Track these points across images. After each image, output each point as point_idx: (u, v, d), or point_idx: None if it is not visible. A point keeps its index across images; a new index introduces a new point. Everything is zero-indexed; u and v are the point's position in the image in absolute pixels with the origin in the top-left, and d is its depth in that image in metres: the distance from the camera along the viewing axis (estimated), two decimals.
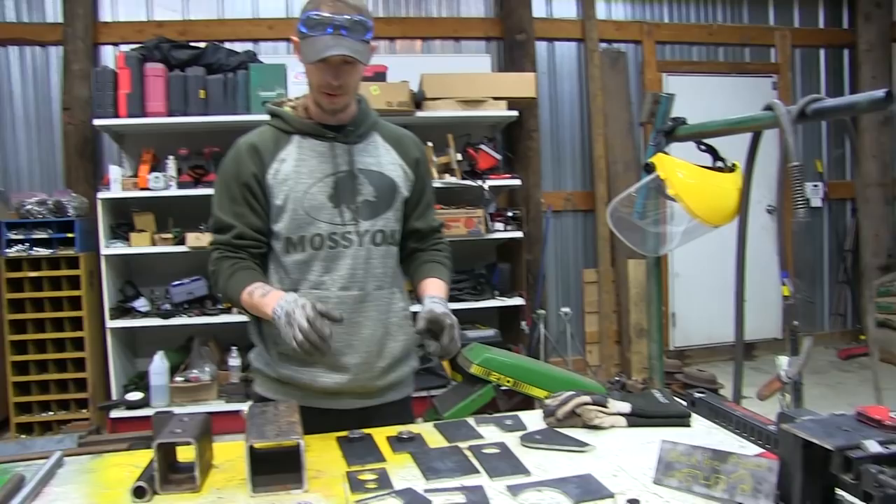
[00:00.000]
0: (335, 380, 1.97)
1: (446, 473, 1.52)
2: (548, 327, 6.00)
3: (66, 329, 5.05)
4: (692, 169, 2.73)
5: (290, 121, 2.01)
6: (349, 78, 1.89)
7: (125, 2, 5.89)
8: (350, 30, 1.82)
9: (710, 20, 6.72)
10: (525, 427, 1.83)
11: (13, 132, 5.78)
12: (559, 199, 6.38)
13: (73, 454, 1.73)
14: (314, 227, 1.95)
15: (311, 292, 1.94)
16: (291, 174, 1.95)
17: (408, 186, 2.08)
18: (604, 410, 1.82)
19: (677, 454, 1.44)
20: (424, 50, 6.22)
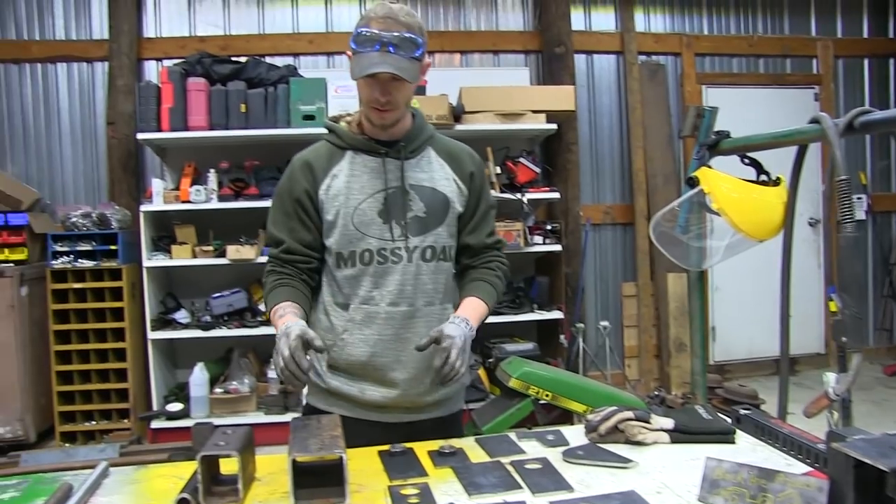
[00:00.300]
0: (383, 394, 1.98)
1: (489, 489, 1.50)
2: (586, 341, 5.95)
3: (108, 340, 5.13)
4: (736, 183, 2.70)
5: (343, 136, 2.03)
6: (397, 94, 1.89)
7: (168, 18, 6.00)
8: (398, 47, 1.82)
9: (750, 31, 6.63)
10: (567, 442, 1.81)
11: (59, 146, 5.90)
12: (598, 212, 6.33)
13: (118, 464, 1.74)
14: (364, 243, 1.96)
15: (361, 307, 1.96)
16: (343, 190, 1.97)
17: (461, 201, 2.06)
18: (647, 426, 1.80)
19: (723, 472, 1.41)
20: (463, 63, 6.24)
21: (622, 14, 6.41)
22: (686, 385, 5.92)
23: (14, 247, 5.09)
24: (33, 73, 5.86)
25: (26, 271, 5.06)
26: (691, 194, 2.72)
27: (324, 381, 2.03)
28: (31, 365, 5.05)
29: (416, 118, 2.07)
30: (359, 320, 1.97)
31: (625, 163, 6.43)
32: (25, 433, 4.96)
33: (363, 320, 1.97)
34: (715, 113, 2.99)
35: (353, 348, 1.97)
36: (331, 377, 2.02)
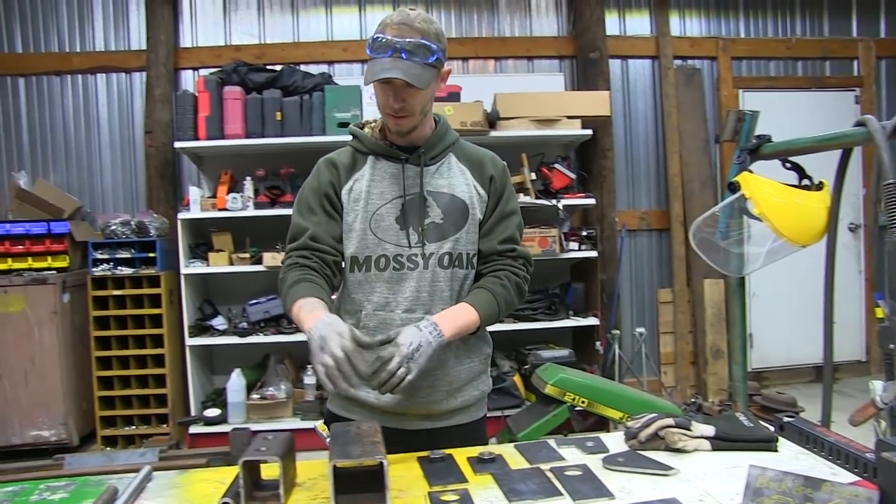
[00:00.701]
0: (399, 401, 1.96)
1: (529, 495, 1.49)
2: (622, 347, 5.90)
3: (147, 346, 5.20)
4: (778, 188, 2.65)
5: (365, 141, 2.03)
6: (411, 100, 1.87)
7: (204, 27, 6.08)
8: (412, 53, 1.81)
9: (788, 34, 6.54)
10: (606, 449, 1.80)
11: (99, 155, 6.00)
12: (634, 217, 6.28)
13: (158, 468, 1.76)
14: (380, 249, 1.95)
15: (376, 314, 1.95)
16: (363, 194, 1.97)
17: (482, 208, 2.03)
18: (687, 433, 1.77)
19: (766, 480, 1.37)
20: (497, 70, 6.23)
21: (657, 18, 6.35)
22: (723, 392, 5.85)
23: (56, 254, 5.17)
24: (74, 84, 5.97)
25: (68, 278, 5.14)
26: (732, 199, 2.68)
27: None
28: (73, 370, 5.13)
29: (438, 125, 2.05)
30: (372, 327, 1.94)
31: (660, 168, 6.37)
32: (69, 436, 5.05)
33: (377, 327, 1.94)
34: (756, 117, 2.94)
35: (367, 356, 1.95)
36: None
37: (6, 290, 4.99)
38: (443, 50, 1.89)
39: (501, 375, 5.16)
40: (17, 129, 5.94)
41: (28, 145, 5.95)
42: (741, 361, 2.98)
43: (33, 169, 5.90)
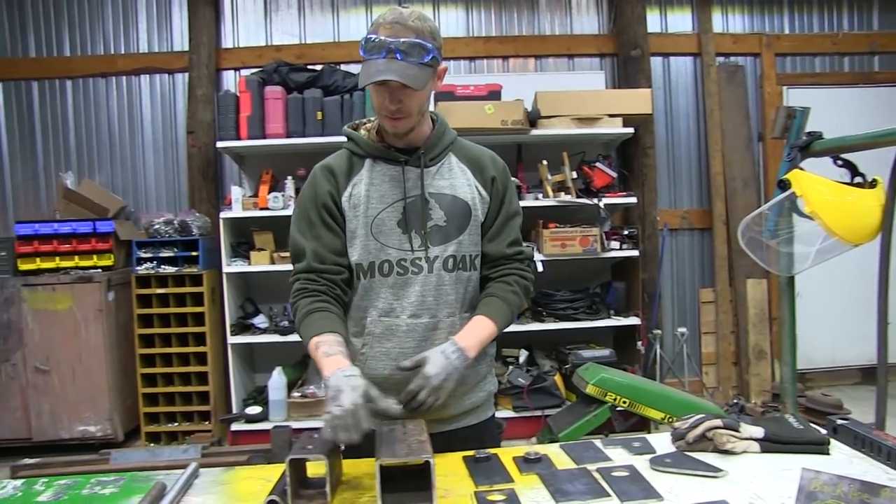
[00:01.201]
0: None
1: (576, 496, 1.49)
2: (663, 347, 5.86)
3: (190, 344, 5.27)
4: (830, 185, 2.59)
5: (361, 144, 1.98)
6: (408, 101, 1.83)
7: (246, 28, 6.13)
8: (406, 53, 1.76)
9: (835, 29, 6.41)
10: (653, 450, 1.78)
11: (142, 156, 6.09)
12: (675, 216, 6.21)
13: (204, 465, 1.77)
14: (383, 254, 1.91)
15: (381, 320, 1.91)
16: (363, 199, 1.93)
17: (483, 209, 1.99)
18: (736, 435, 1.75)
19: (820, 484, 1.34)
20: (538, 68, 6.19)
21: (699, 15, 6.27)
22: (765, 393, 5.76)
23: (101, 253, 5.26)
24: (119, 85, 6.07)
25: (112, 276, 5.23)
26: (782, 197, 2.62)
27: None
28: (118, 367, 5.22)
29: (436, 124, 2.01)
30: (378, 333, 1.92)
31: (702, 166, 6.29)
32: (114, 432, 5.13)
33: (382, 333, 1.92)
34: (807, 114, 2.88)
35: (374, 362, 1.93)
36: None
37: (54, 289, 5.08)
38: (438, 48, 1.84)
39: (542, 375, 5.14)
40: (64, 131, 6.05)
41: (74, 146, 6.06)
42: (790, 363, 2.92)
43: (79, 169, 6.00)
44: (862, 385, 6.31)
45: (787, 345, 2.96)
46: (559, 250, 5.12)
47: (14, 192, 6.07)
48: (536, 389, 5.06)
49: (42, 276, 5.14)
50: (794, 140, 2.84)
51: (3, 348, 5.09)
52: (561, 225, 5.18)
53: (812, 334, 6.35)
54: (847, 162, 2.72)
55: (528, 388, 5.05)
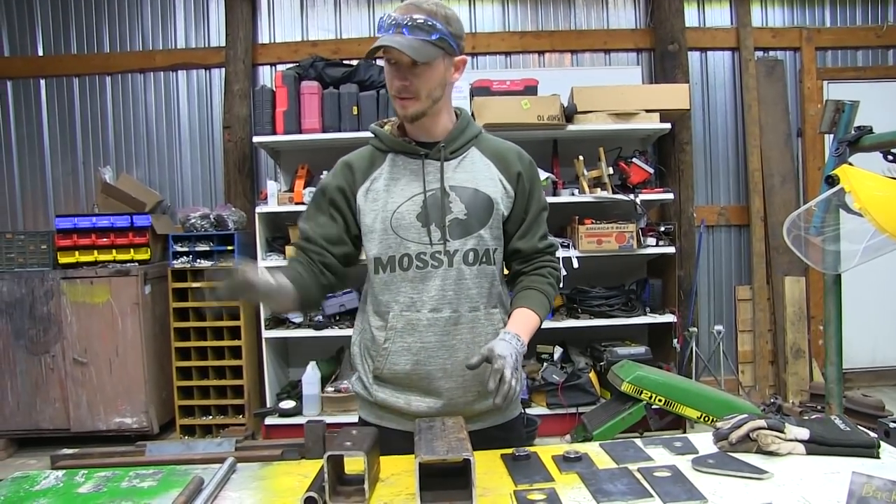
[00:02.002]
0: (429, 404, 1.93)
1: (618, 496, 1.46)
2: (699, 345, 5.80)
3: (225, 338, 5.30)
4: (881, 181, 2.52)
5: (383, 139, 1.99)
6: (415, 81, 1.84)
7: (282, 23, 6.16)
8: (413, 28, 1.79)
9: (879, 21, 6.26)
10: (696, 450, 1.75)
11: (179, 151, 6.15)
12: (712, 213, 6.13)
13: (237, 458, 1.78)
14: (402, 248, 1.90)
15: (402, 315, 1.90)
16: (382, 193, 1.93)
17: (507, 204, 1.98)
18: (780, 436, 1.70)
19: (873, 489, 1.29)
20: (574, 63, 6.14)
21: (738, 8, 6.18)
22: (803, 393, 5.67)
23: (139, 247, 5.32)
24: (156, 81, 6.14)
25: (149, 270, 5.28)
26: (830, 193, 2.56)
27: (371, 395, 1.99)
28: (154, 360, 5.28)
29: (459, 118, 2.01)
30: (399, 328, 1.91)
31: (740, 162, 6.20)
32: (150, 424, 5.19)
33: (404, 328, 1.90)
34: (856, 107, 2.81)
35: (396, 357, 1.91)
36: (377, 389, 1.97)
37: (92, 282, 5.15)
38: (452, 34, 1.85)
39: (577, 372, 5.10)
40: (103, 126, 6.14)
41: (113, 141, 6.14)
42: (836, 362, 2.85)
43: (117, 164, 6.09)
44: None
45: (832, 345, 2.91)
46: (595, 247, 5.08)
47: (55, 186, 6.18)
48: (571, 386, 5.03)
49: (81, 270, 5.22)
50: (843, 135, 2.78)
51: (44, 340, 5.16)
52: (597, 221, 5.13)
53: (851, 332, 6.19)
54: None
55: (563, 385, 5.02)
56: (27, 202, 6.19)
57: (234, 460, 1.74)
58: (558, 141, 5.45)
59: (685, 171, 5.87)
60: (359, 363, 2.04)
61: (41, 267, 5.28)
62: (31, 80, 6.14)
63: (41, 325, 5.16)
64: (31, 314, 5.16)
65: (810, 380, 5.83)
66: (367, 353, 2.00)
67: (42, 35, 6.15)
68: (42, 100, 6.16)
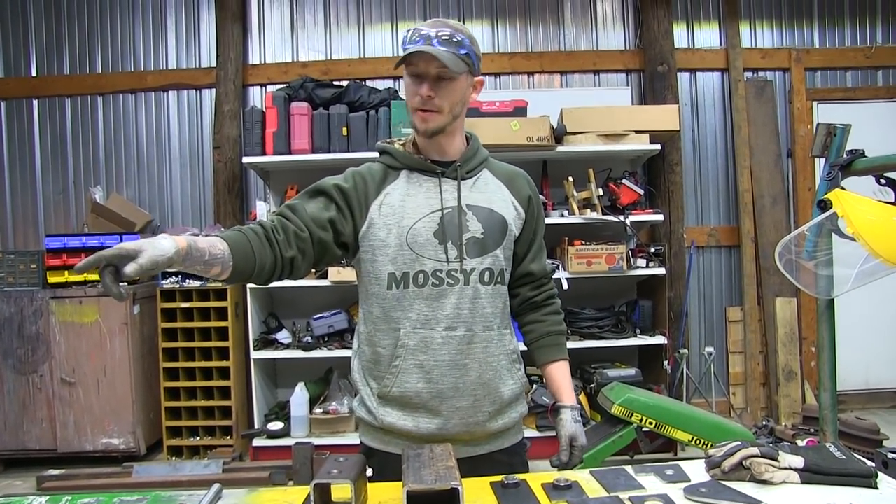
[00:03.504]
0: (438, 425, 1.91)
1: None
2: (690, 367, 5.77)
3: (213, 358, 5.28)
4: (873, 205, 2.49)
5: (398, 156, 1.98)
6: (440, 95, 1.85)
7: (272, 44, 6.19)
8: (443, 42, 1.81)
9: (868, 42, 6.29)
10: (687, 478, 1.72)
11: (169, 171, 6.15)
12: (703, 234, 6.14)
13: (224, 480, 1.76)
14: (418, 264, 1.88)
15: (416, 332, 1.88)
16: (397, 208, 1.91)
17: (518, 225, 2.00)
18: (774, 464, 1.67)
19: None
20: (564, 84, 6.17)
21: (727, 30, 6.21)
22: (795, 416, 5.64)
23: None
24: (147, 101, 6.15)
25: (138, 290, 5.27)
26: (822, 218, 2.54)
27: (376, 419, 1.94)
28: (142, 380, 5.25)
29: (471, 141, 2.03)
30: (412, 345, 1.88)
31: (730, 183, 6.21)
32: (137, 445, 5.15)
33: (417, 345, 1.88)
34: (848, 131, 2.79)
35: (407, 375, 1.89)
36: (384, 413, 1.93)
37: (81, 301, 5.13)
38: (475, 54, 1.89)
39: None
40: (94, 146, 6.15)
41: (104, 161, 6.14)
42: (831, 388, 2.81)
43: (108, 183, 6.09)
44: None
45: (826, 370, 2.86)
46: (585, 268, 5.07)
47: (45, 205, 6.17)
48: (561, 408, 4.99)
49: (70, 289, 5.19)
50: (835, 158, 2.76)
51: (32, 360, 5.14)
52: (587, 242, 5.13)
53: (844, 354, 6.16)
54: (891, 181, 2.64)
55: (553, 408, 4.98)
56: (18, 221, 6.18)
57: (220, 486, 1.72)
58: (548, 162, 5.46)
59: (675, 191, 5.88)
60: (361, 387, 2.00)
61: (30, 286, 5.25)
62: (24, 100, 6.16)
63: (29, 345, 5.14)
64: (19, 333, 5.14)
65: (803, 402, 5.80)
66: (368, 375, 1.97)
67: (35, 56, 6.17)
68: (35, 120, 6.17)
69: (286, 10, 6.18)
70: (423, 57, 1.81)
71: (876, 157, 2.65)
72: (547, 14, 6.21)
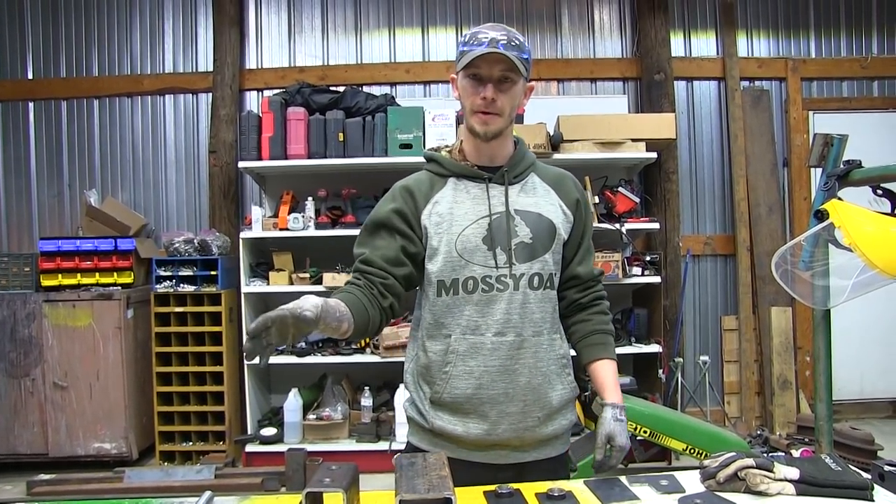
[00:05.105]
0: (488, 430, 1.90)
1: None
2: (685, 376, 5.77)
3: (207, 363, 5.26)
4: (870, 216, 2.48)
5: (445, 164, 1.99)
6: (502, 98, 1.85)
7: (269, 49, 6.19)
8: (507, 46, 1.82)
9: (863, 52, 6.31)
10: (682, 489, 1.71)
11: (165, 175, 6.14)
12: (698, 242, 6.14)
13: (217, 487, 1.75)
14: (467, 270, 1.89)
15: (465, 338, 1.89)
16: (446, 216, 1.92)
17: (567, 229, 2.00)
18: (770, 476, 1.66)
19: None
20: (560, 91, 6.17)
21: (724, 39, 6.22)
22: (790, 425, 5.63)
23: (122, 271, 5.29)
24: (144, 105, 6.14)
25: (132, 294, 5.25)
26: (819, 228, 2.53)
27: (427, 421, 1.95)
28: (135, 385, 5.23)
29: (518, 146, 2.03)
30: (462, 351, 1.89)
31: (726, 192, 6.22)
32: (129, 450, 5.13)
33: (467, 351, 1.89)
34: (844, 141, 2.78)
35: (457, 381, 1.89)
36: (434, 416, 1.94)
37: (74, 305, 5.11)
38: (530, 60, 1.90)
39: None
40: (90, 149, 6.14)
41: (99, 164, 6.13)
42: (826, 400, 2.79)
43: (103, 187, 6.07)
44: (893, 419, 6.18)
45: (822, 382, 2.84)
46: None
47: (40, 208, 6.15)
48: None
49: (63, 293, 5.18)
50: (832, 168, 2.76)
51: (24, 363, 5.12)
52: None
53: (839, 364, 6.13)
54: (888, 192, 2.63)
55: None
56: (12, 224, 6.16)
57: (212, 494, 1.71)
58: None
59: (671, 200, 5.88)
60: (413, 390, 2.02)
61: (24, 289, 5.23)
62: (19, 102, 6.14)
63: (22, 349, 5.11)
64: (12, 337, 5.11)
65: (797, 411, 5.79)
66: (421, 380, 1.98)
67: (32, 58, 6.15)
68: (30, 122, 6.15)
69: (283, 15, 6.18)
70: (486, 59, 1.82)
71: (873, 167, 2.65)
72: (544, 21, 6.22)
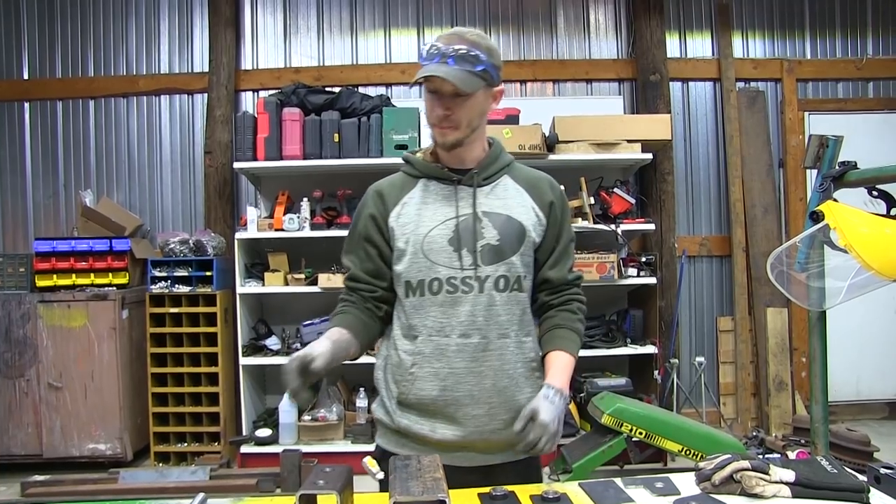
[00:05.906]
0: (454, 432, 1.89)
1: None
2: (680, 377, 5.76)
3: (202, 364, 5.25)
4: (866, 217, 2.48)
5: (416, 165, 2.00)
6: (458, 110, 1.85)
7: (265, 50, 6.19)
8: (458, 59, 1.80)
9: (859, 54, 6.32)
10: (677, 491, 1.70)
11: (160, 175, 6.14)
12: (694, 243, 6.14)
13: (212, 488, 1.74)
14: (433, 272, 1.89)
15: (431, 339, 1.88)
16: (413, 217, 1.92)
17: (539, 232, 1.97)
18: (765, 478, 1.65)
19: None
20: (556, 92, 6.17)
21: (719, 40, 6.23)
22: (786, 426, 5.64)
23: (117, 271, 5.28)
24: (139, 105, 6.14)
25: (127, 295, 5.24)
26: (814, 229, 2.52)
27: (393, 421, 1.95)
28: (130, 385, 5.22)
29: (492, 146, 2.03)
30: (428, 353, 1.89)
31: (722, 193, 6.22)
32: (124, 451, 5.12)
33: (432, 353, 1.88)
34: (840, 142, 2.78)
35: (423, 383, 1.89)
36: (400, 416, 1.93)
37: (69, 305, 5.10)
38: (493, 65, 1.87)
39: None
40: (85, 149, 6.14)
41: (95, 164, 6.13)
42: (822, 401, 2.78)
43: (99, 187, 6.07)
44: (889, 420, 6.18)
45: (818, 384, 2.84)
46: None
47: (35, 209, 6.15)
48: None
49: (58, 293, 5.17)
50: (827, 170, 2.75)
51: (19, 364, 5.10)
52: (578, 251, 5.11)
53: (835, 365, 6.12)
54: (883, 193, 2.64)
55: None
56: (7, 224, 6.16)
57: (206, 496, 1.71)
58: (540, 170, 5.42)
59: (667, 201, 5.88)
60: (382, 388, 2.01)
61: (18, 290, 5.22)
62: (15, 103, 6.14)
63: (17, 349, 5.10)
64: (6, 337, 5.11)
65: (793, 412, 5.80)
66: (391, 378, 1.97)
67: (28, 59, 6.15)
68: (26, 123, 6.15)
69: (279, 15, 6.18)
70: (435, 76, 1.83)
71: (868, 168, 2.65)
72: (540, 22, 6.23)
